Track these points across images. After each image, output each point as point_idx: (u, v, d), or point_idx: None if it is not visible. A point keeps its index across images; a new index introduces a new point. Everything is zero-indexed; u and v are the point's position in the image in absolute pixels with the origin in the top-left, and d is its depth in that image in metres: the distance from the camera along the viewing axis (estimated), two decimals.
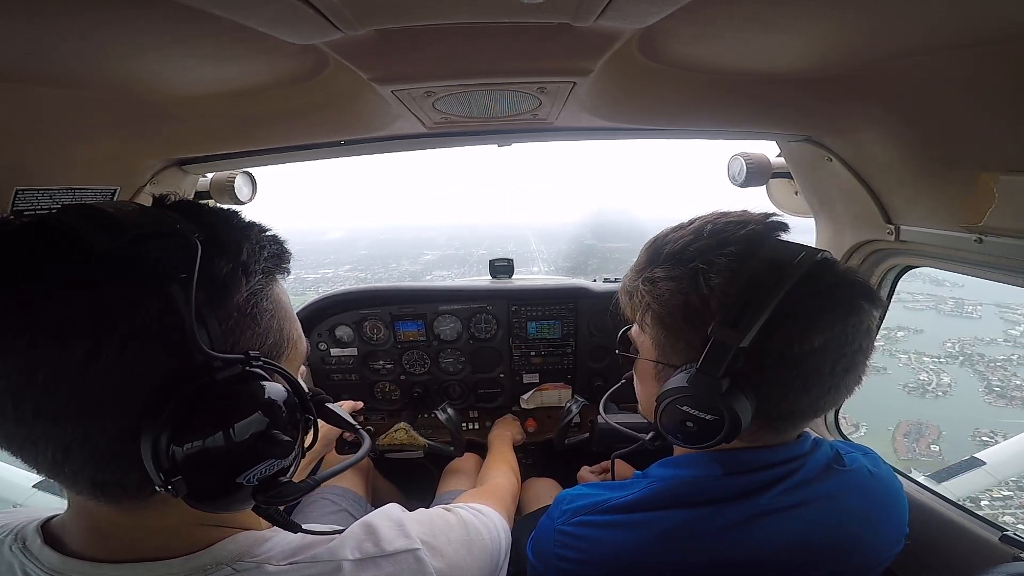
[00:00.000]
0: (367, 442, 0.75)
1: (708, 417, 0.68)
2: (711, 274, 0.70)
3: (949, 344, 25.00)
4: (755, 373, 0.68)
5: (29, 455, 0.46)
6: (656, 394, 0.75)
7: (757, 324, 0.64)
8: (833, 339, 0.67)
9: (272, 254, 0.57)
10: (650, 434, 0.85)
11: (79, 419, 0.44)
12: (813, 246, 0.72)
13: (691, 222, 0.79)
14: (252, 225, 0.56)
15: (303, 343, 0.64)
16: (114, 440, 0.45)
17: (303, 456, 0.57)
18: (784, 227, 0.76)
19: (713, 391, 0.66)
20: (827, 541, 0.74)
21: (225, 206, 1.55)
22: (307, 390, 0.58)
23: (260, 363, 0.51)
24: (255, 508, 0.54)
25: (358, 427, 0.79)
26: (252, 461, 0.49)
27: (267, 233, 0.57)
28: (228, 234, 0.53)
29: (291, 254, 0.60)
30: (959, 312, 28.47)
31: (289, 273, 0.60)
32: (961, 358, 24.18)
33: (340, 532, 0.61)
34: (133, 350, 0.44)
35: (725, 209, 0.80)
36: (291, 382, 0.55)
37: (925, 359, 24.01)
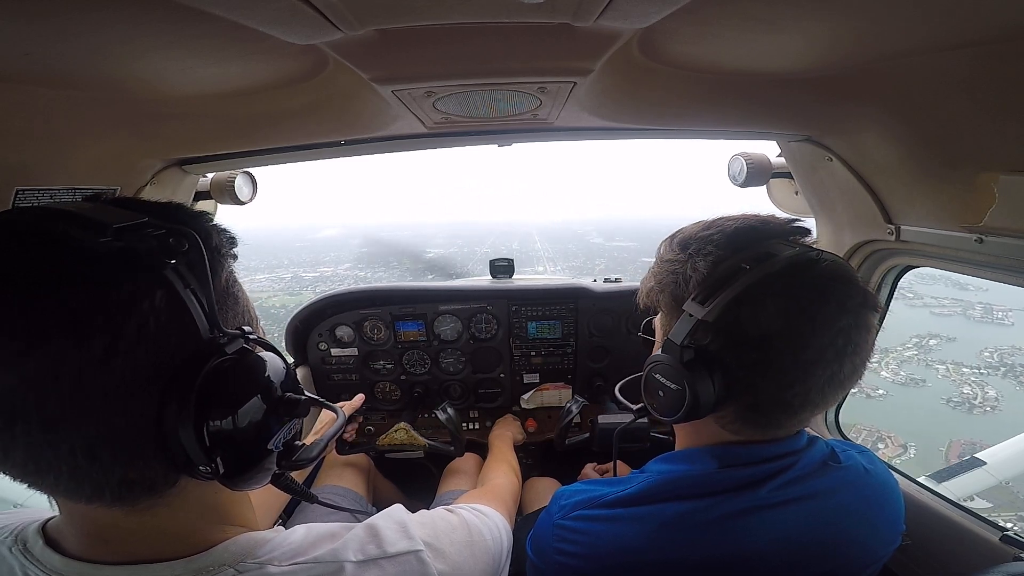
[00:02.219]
0: (341, 415, 0.82)
1: (673, 387, 0.72)
2: (698, 259, 0.74)
3: (987, 353, 22.94)
4: (723, 353, 0.70)
5: (49, 466, 0.44)
6: None
7: (722, 301, 0.68)
8: (796, 327, 0.67)
9: (227, 239, 0.59)
10: (638, 406, 0.90)
11: (104, 415, 0.44)
12: (821, 249, 0.72)
13: (719, 218, 0.81)
14: (202, 213, 0.58)
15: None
16: (139, 432, 0.46)
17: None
18: (802, 231, 0.77)
19: (676, 360, 0.71)
20: (822, 537, 0.75)
21: (225, 206, 1.56)
22: None
23: (254, 336, 0.55)
24: (274, 480, 0.58)
25: (324, 401, 0.84)
26: (277, 424, 0.54)
27: (214, 221, 0.59)
28: (192, 221, 0.54)
29: (238, 240, 0.62)
30: (989, 318, 26.34)
31: (237, 258, 0.62)
32: (1003, 369, 21.94)
33: (353, 512, 0.63)
34: (147, 338, 0.45)
35: (757, 212, 0.82)
36: (277, 352, 0.58)
37: (964, 370, 21.67)
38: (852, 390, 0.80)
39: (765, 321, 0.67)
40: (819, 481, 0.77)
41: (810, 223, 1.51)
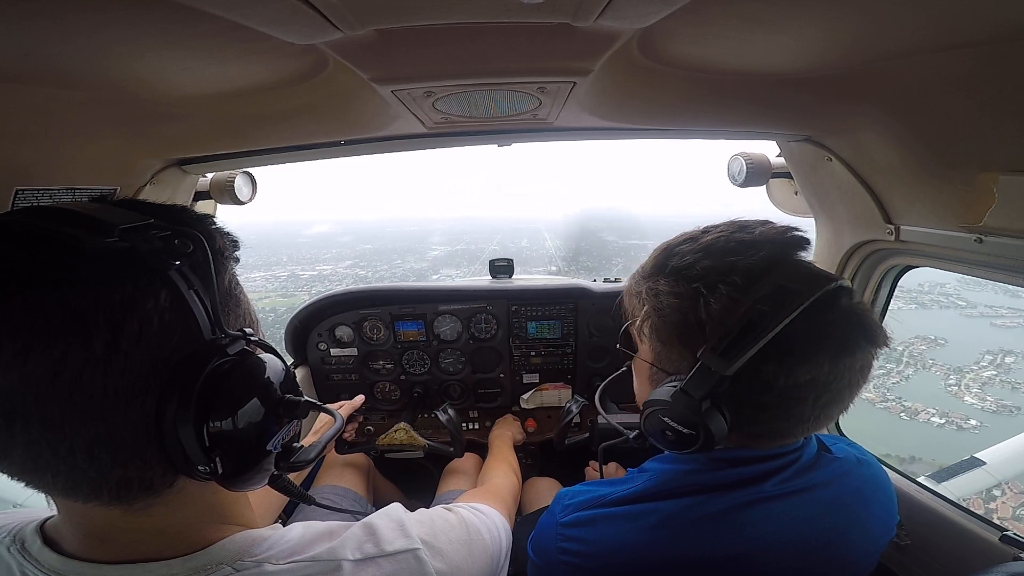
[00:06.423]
0: (339, 419, 0.83)
1: (684, 431, 0.70)
2: (711, 299, 0.69)
3: None
4: (737, 396, 0.68)
5: (48, 464, 0.44)
6: (647, 393, 0.77)
7: (746, 356, 0.64)
8: (821, 376, 0.67)
9: (230, 242, 0.60)
10: (635, 432, 0.87)
11: (104, 414, 0.44)
12: (826, 272, 0.70)
13: (705, 233, 0.76)
14: (206, 216, 0.59)
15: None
16: (138, 431, 0.46)
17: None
18: (803, 244, 0.74)
19: (692, 410, 0.68)
20: (819, 530, 0.76)
21: (225, 206, 1.56)
22: None
23: (255, 338, 0.55)
24: (272, 482, 0.59)
25: (321, 405, 0.84)
26: (276, 425, 0.55)
27: (217, 224, 0.60)
28: (197, 224, 0.55)
29: (240, 243, 0.62)
30: None
31: (239, 261, 0.62)
32: None
33: (350, 513, 0.63)
34: (150, 339, 0.45)
35: (743, 220, 0.76)
36: (277, 354, 0.59)
37: None
38: None
39: (792, 372, 0.66)
40: (816, 473, 0.78)
41: (809, 223, 1.51)
